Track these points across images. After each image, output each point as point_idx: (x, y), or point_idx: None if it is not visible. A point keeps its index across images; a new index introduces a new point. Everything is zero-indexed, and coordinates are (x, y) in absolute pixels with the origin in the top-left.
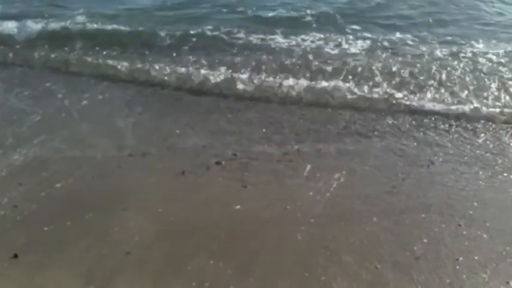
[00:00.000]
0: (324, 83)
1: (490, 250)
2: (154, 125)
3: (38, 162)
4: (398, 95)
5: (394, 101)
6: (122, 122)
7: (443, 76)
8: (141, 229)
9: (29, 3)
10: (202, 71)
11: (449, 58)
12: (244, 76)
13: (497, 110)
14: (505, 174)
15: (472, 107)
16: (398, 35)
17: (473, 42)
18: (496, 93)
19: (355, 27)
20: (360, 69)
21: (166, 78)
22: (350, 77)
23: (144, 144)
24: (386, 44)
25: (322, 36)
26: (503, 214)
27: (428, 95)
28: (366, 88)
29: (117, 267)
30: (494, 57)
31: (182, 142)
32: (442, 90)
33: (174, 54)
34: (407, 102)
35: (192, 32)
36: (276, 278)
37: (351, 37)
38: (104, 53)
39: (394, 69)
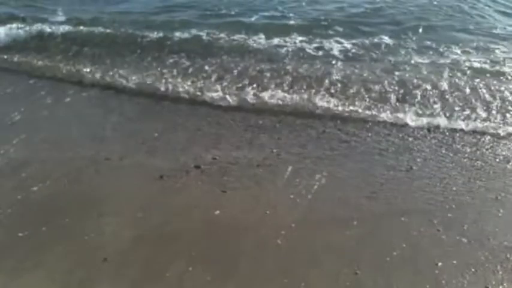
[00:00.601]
0: (304, 89)
1: (469, 255)
2: (132, 128)
3: (13, 165)
4: (379, 102)
5: (373, 107)
6: (99, 126)
7: (424, 83)
8: (118, 235)
9: (5, 5)
10: (183, 75)
11: (432, 65)
12: (225, 81)
13: (477, 120)
14: (483, 180)
15: (451, 114)
16: (382, 40)
17: (455, 48)
18: (476, 103)
19: (339, 31)
20: (341, 76)
21: (145, 81)
22: (331, 84)
23: (122, 148)
24: (369, 49)
25: (305, 39)
26: (482, 219)
27: (409, 102)
28: (346, 95)
29: (94, 274)
30: (477, 65)
31: (160, 146)
32: (423, 97)
33: (154, 58)
34: (387, 108)
35: (172, 36)
36: (256, 284)
37: (334, 43)
38: (82, 56)
39: (375, 75)
